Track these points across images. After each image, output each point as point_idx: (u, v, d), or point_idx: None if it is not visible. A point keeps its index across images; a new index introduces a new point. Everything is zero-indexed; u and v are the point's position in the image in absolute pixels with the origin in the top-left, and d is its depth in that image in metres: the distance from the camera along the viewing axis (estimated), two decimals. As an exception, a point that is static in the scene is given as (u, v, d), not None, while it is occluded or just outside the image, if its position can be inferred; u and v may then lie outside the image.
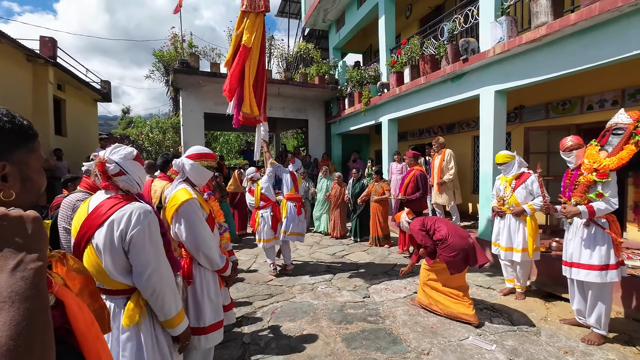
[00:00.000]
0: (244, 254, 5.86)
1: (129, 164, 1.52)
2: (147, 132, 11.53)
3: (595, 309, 2.71)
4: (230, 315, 2.14)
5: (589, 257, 2.69)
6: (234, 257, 2.29)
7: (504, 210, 3.63)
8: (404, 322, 3.16)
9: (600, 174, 2.61)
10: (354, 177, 6.88)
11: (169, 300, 1.43)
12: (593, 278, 2.66)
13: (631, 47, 3.19)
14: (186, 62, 8.03)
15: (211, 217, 1.97)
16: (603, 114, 4.66)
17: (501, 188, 3.69)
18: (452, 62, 5.21)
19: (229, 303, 2.12)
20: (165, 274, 1.43)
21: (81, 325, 0.78)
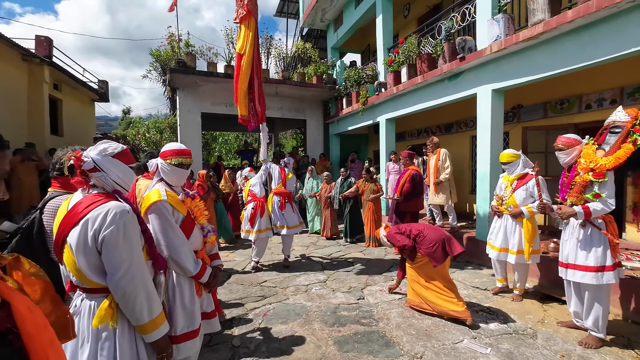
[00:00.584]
0: (239, 254, 5.80)
1: (105, 160, 1.46)
2: (143, 132, 11.46)
3: (592, 312, 2.65)
4: (213, 323, 1.99)
5: (585, 258, 2.63)
6: (218, 261, 2.11)
7: (501, 210, 3.57)
8: (397, 325, 3.10)
9: (597, 173, 2.54)
10: (342, 176, 6.84)
11: (141, 304, 1.36)
12: (589, 279, 2.59)
13: (629, 45, 3.14)
14: (183, 61, 7.98)
15: (190, 219, 1.86)
16: (601, 112, 4.59)
17: (502, 187, 3.62)
18: (449, 61, 5.15)
19: (212, 310, 1.98)
20: (139, 277, 1.37)
21: (29, 328, 0.75)
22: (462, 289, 3.95)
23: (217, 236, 6.47)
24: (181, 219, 1.81)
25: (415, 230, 3.32)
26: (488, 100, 4.69)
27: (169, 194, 1.79)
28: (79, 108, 10.83)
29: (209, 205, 6.26)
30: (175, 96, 9.20)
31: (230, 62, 8.73)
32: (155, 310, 1.42)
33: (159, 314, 1.44)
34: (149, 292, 1.41)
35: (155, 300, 1.44)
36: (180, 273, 1.80)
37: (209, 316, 1.95)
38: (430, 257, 3.11)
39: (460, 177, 6.81)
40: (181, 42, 8.32)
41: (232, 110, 9.43)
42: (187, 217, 1.84)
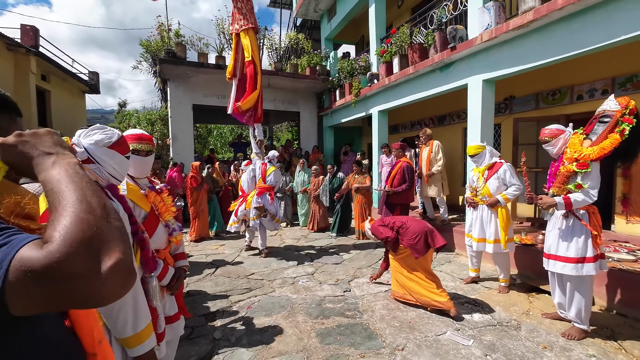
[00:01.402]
0: (229, 247, 5.76)
1: (100, 152, 1.35)
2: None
3: (574, 303, 2.63)
4: (176, 326, 1.87)
5: (566, 249, 2.60)
6: (183, 262, 1.95)
7: (476, 201, 3.56)
8: (382, 317, 3.07)
9: (580, 164, 2.49)
10: (330, 173, 6.79)
11: (125, 317, 1.26)
12: (569, 271, 2.57)
13: (619, 32, 3.07)
14: (172, 51, 7.84)
15: (153, 215, 1.69)
16: (593, 103, 4.54)
17: (474, 179, 3.63)
18: (440, 51, 5.07)
19: (175, 313, 1.85)
20: None
21: None
22: (449, 281, 3.93)
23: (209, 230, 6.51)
24: (143, 215, 1.66)
25: (398, 222, 3.31)
26: (479, 91, 4.62)
27: (130, 188, 1.64)
28: (69, 100, 10.65)
29: (202, 195, 6.22)
30: (166, 87, 9.06)
31: (221, 53, 8.59)
32: (141, 324, 1.32)
33: (145, 328, 1.34)
34: (136, 304, 1.31)
35: (142, 312, 1.34)
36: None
37: (171, 320, 1.82)
38: (412, 249, 3.11)
39: (452, 170, 6.77)
40: (171, 32, 8.14)
41: (224, 102, 9.28)
42: (150, 213, 1.68)
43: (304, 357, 2.48)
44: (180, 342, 2.70)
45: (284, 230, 7.05)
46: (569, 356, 2.43)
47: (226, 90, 9.09)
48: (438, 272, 4.23)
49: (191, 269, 4.62)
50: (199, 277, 4.24)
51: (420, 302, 3.16)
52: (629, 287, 3.00)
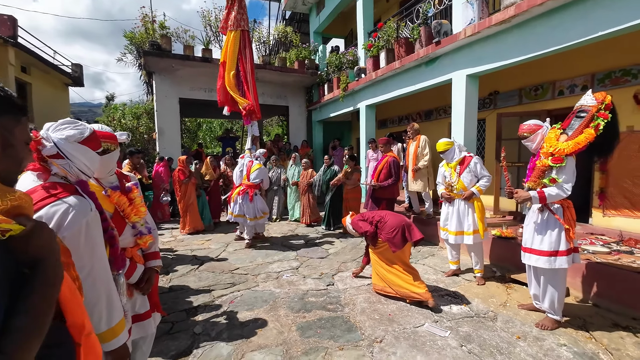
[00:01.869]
0: (215, 242, 5.73)
1: (71, 147, 1.30)
2: (119, 118, 11.07)
3: (547, 294, 2.70)
4: (147, 325, 1.81)
5: (540, 242, 2.65)
6: (156, 261, 1.88)
7: (452, 196, 3.63)
8: (362, 310, 3.10)
9: (555, 158, 2.52)
10: (326, 164, 6.77)
11: (99, 312, 1.24)
12: (542, 264, 2.63)
13: (596, 28, 3.12)
14: (157, 43, 7.69)
15: (118, 217, 1.61)
16: (573, 99, 4.62)
17: (447, 175, 3.72)
18: (425, 45, 5.08)
19: (146, 311, 1.80)
20: (101, 282, 1.25)
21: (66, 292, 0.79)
22: (432, 274, 3.99)
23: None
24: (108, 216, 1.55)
25: (377, 216, 3.37)
26: (462, 86, 4.66)
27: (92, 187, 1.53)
28: (51, 93, 10.38)
29: (190, 189, 6.17)
30: (151, 80, 8.90)
31: (208, 46, 8.45)
32: (115, 318, 1.31)
33: (119, 322, 1.33)
34: (110, 299, 1.29)
35: (116, 307, 1.32)
36: None
37: (141, 318, 1.77)
38: (390, 243, 3.16)
39: (438, 165, 6.82)
40: (155, 24, 7.97)
41: (212, 95, 9.19)
42: (114, 214, 1.60)
43: (283, 350, 2.50)
44: (159, 337, 2.71)
45: (272, 225, 7.05)
46: (541, 345, 2.49)
47: (213, 84, 8.96)
48: (421, 266, 4.31)
49: (175, 264, 4.59)
50: (183, 272, 4.22)
51: (399, 294, 3.21)
52: (602, 279, 3.09)
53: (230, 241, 5.74)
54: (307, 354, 2.45)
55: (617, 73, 4.18)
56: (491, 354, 2.39)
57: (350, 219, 3.58)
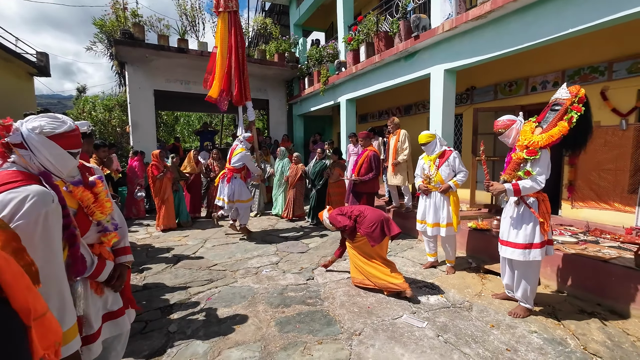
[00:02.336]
0: (192, 238, 5.58)
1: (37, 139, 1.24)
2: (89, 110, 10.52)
3: (521, 285, 2.78)
4: (121, 322, 1.71)
5: (515, 235, 2.70)
6: (127, 257, 1.80)
7: (430, 188, 3.68)
8: (342, 303, 3.10)
9: (530, 151, 2.56)
10: (318, 156, 6.68)
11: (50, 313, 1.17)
12: (517, 256, 2.68)
13: (568, 25, 3.21)
14: (129, 32, 7.34)
15: (82, 214, 1.50)
16: (546, 94, 4.77)
17: (426, 167, 3.78)
18: (404, 40, 5.10)
19: (120, 308, 1.72)
20: (52, 278, 1.16)
21: (7, 277, 0.78)
22: (410, 267, 4.05)
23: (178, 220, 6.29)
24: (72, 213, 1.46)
25: (356, 211, 3.38)
26: (440, 81, 4.71)
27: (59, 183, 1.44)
28: (13, 82, 9.73)
29: (166, 184, 5.96)
30: (124, 71, 8.51)
31: (184, 36, 8.16)
32: (67, 322, 1.22)
33: (71, 328, 1.24)
34: (63, 300, 1.21)
35: (69, 310, 1.24)
36: None
37: (115, 315, 1.68)
38: (369, 237, 3.19)
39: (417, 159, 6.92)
40: (127, 11, 7.60)
41: (189, 88, 8.92)
42: (78, 210, 1.49)
43: (261, 346, 2.46)
44: (132, 337, 2.59)
45: (252, 220, 6.94)
46: (514, 333, 2.57)
47: (190, 76, 8.72)
48: (400, 258, 4.36)
49: (151, 261, 4.44)
50: (158, 270, 4.08)
51: (378, 285, 3.24)
52: (570, 268, 3.22)
53: (209, 237, 5.61)
54: (285, 349, 2.42)
55: (586, 70, 4.35)
56: (466, 343, 2.44)
57: (327, 213, 3.56)
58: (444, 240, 3.73)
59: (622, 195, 4.15)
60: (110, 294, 1.71)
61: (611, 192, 4.25)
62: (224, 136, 16.16)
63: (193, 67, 8.57)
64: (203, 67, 8.71)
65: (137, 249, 4.98)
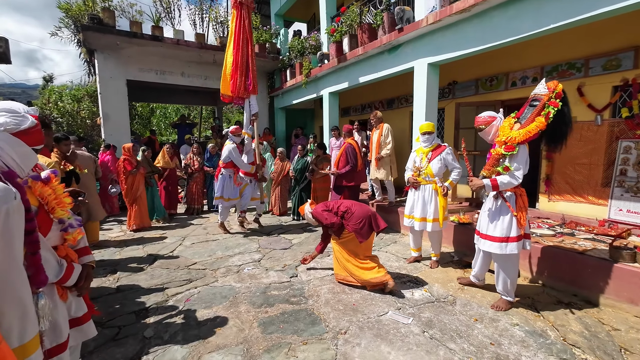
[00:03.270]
0: (170, 236, 5.36)
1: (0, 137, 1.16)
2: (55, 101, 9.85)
3: (500, 278, 2.82)
4: (87, 328, 1.63)
5: (493, 229, 2.75)
6: (89, 257, 1.68)
7: (419, 182, 3.67)
8: (326, 301, 3.04)
9: (508, 146, 2.59)
10: (300, 153, 6.54)
11: (9, 322, 1.05)
12: (494, 249, 2.73)
13: (549, 21, 3.23)
14: (98, 17, 6.89)
15: (43, 212, 1.39)
16: (525, 90, 4.85)
17: (417, 159, 3.71)
18: (388, 32, 5.03)
19: (84, 314, 1.62)
20: (12, 286, 1.05)
21: None
22: (394, 261, 4.04)
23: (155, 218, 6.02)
24: (33, 210, 1.32)
25: (343, 207, 3.30)
26: (424, 75, 4.69)
27: None
28: (-31, 69, 8.96)
29: (139, 180, 5.66)
30: (93, 59, 8.02)
31: (158, 23, 7.76)
32: (30, 333, 1.11)
33: (33, 339, 1.13)
34: (24, 308, 1.09)
35: (31, 319, 1.13)
36: None
37: (80, 321, 1.58)
38: (357, 234, 3.13)
39: (400, 153, 6.94)
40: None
41: (164, 78, 8.52)
42: (39, 208, 1.38)
43: (244, 349, 2.36)
44: (103, 344, 2.44)
45: (233, 216, 6.76)
46: (496, 326, 2.60)
47: (165, 65, 8.33)
48: (384, 253, 4.35)
49: (124, 260, 4.22)
50: (133, 270, 3.88)
51: (360, 282, 3.21)
52: (547, 260, 3.30)
53: (187, 234, 5.40)
54: (269, 351, 2.34)
55: (564, 66, 4.44)
56: (452, 338, 2.44)
57: (310, 208, 3.47)
58: (430, 235, 3.73)
59: (595, 189, 4.30)
60: (74, 300, 1.60)
61: (585, 186, 4.39)
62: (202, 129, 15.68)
63: (169, 56, 8.19)
64: (179, 57, 8.41)
65: (111, 248, 4.73)
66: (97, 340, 2.47)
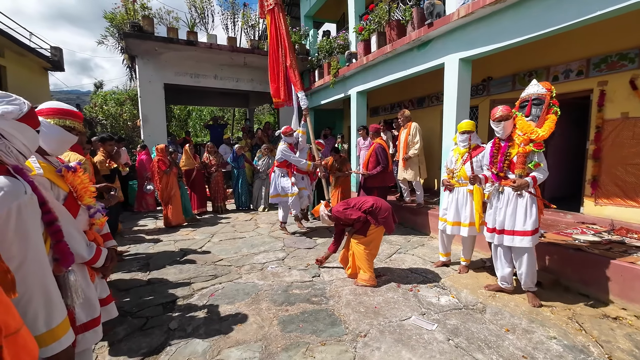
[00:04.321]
0: (200, 233, 5.55)
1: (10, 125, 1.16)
2: (101, 104, 10.63)
3: (529, 272, 2.86)
4: (110, 309, 1.77)
5: (523, 224, 2.76)
6: (112, 241, 1.83)
7: (452, 184, 3.49)
8: (347, 303, 2.99)
9: (538, 144, 2.68)
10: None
11: (35, 311, 1.09)
12: (527, 243, 2.75)
13: (595, 7, 2.95)
14: (138, 25, 7.31)
15: (72, 198, 1.50)
16: (568, 84, 4.49)
17: (453, 160, 3.52)
18: (417, 28, 4.87)
19: (107, 296, 1.76)
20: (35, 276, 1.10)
21: None
22: (420, 264, 3.89)
23: None
24: (63, 196, 1.46)
25: (368, 203, 3.34)
26: (455, 71, 4.48)
27: (44, 166, 1.42)
28: (29, 77, 9.90)
29: (172, 179, 5.93)
30: (134, 65, 8.53)
31: (193, 28, 8.09)
32: (56, 318, 1.15)
33: (61, 323, 1.17)
34: (48, 296, 1.14)
35: (57, 305, 1.17)
36: None
37: (105, 302, 1.72)
38: (387, 226, 3.33)
39: (430, 152, 6.70)
40: (137, 4, 7.57)
41: (198, 81, 8.88)
42: (69, 195, 1.49)
43: (262, 346, 2.37)
44: (131, 333, 2.56)
45: (260, 215, 6.89)
46: (530, 338, 2.41)
47: (199, 69, 8.68)
48: (410, 256, 4.21)
49: (157, 255, 4.42)
50: (163, 264, 4.05)
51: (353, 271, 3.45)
52: (591, 268, 3.00)
53: (215, 232, 5.57)
54: (287, 349, 2.33)
55: (614, 57, 4.04)
56: (479, 348, 2.29)
57: (325, 209, 3.46)
58: (464, 239, 3.56)
59: (651, 192, 3.87)
60: (99, 282, 1.71)
61: (639, 189, 3.97)
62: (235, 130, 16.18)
63: (202, 59, 8.52)
64: (212, 60, 8.73)
65: (145, 243, 4.99)
66: (127, 330, 2.60)
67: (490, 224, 2.97)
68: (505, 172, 2.86)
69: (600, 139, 4.20)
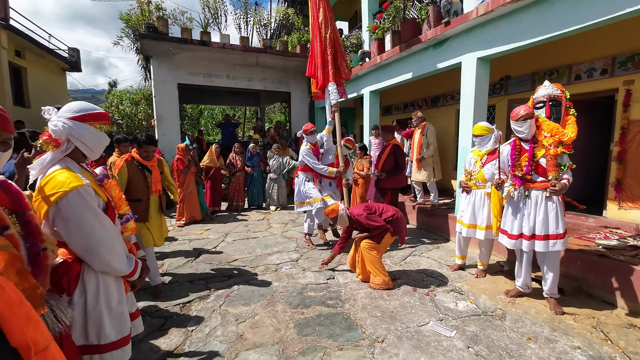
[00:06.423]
0: (214, 232, 5.60)
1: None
2: (116, 104, 10.84)
3: (553, 277, 2.79)
4: (137, 323, 1.71)
5: (556, 227, 2.71)
6: (140, 252, 1.77)
7: (470, 186, 3.41)
8: (363, 306, 2.96)
9: (567, 146, 2.63)
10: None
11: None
12: (560, 246, 2.70)
13: (623, 5, 2.83)
14: (153, 26, 7.39)
15: (110, 207, 1.49)
16: (591, 84, 4.35)
17: (472, 162, 3.43)
18: (433, 27, 4.78)
19: (136, 309, 1.71)
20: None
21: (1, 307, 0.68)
22: (435, 267, 3.84)
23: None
24: (102, 206, 1.43)
25: (388, 212, 3.40)
26: (473, 70, 4.38)
27: (88, 177, 1.40)
28: (47, 77, 10.15)
29: (189, 179, 6.01)
30: (149, 65, 8.64)
31: (206, 29, 8.14)
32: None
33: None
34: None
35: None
36: (109, 273, 1.45)
37: (133, 317, 1.66)
38: (401, 236, 3.35)
39: (445, 153, 6.60)
40: (151, 5, 7.66)
41: (211, 81, 8.94)
42: (108, 204, 1.47)
43: (279, 349, 2.37)
44: (150, 333, 2.59)
45: (272, 215, 6.91)
46: (554, 347, 2.34)
47: (212, 69, 8.73)
48: (425, 259, 4.15)
49: (172, 254, 4.48)
50: (179, 264, 4.10)
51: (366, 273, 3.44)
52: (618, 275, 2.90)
53: (229, 231, 5.61)
54: (304, 353, 2.32)
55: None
56: (500, 357, 2.24)
57: (345, 210, 3.46)
58: (480, 242, 3.49)
59: (679, 196, 3.72)
60: (130, 296, 1.69)
61: (666, 192, 3.82)
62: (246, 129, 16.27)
63: (215, 59, 8.57)
64: (225, 60, 8.77)
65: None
66: (146, 330, 2.62)
67: (516, 230, 2.84)
68: (532, 175, 2.78)
69: (626, 141, 4.05)
